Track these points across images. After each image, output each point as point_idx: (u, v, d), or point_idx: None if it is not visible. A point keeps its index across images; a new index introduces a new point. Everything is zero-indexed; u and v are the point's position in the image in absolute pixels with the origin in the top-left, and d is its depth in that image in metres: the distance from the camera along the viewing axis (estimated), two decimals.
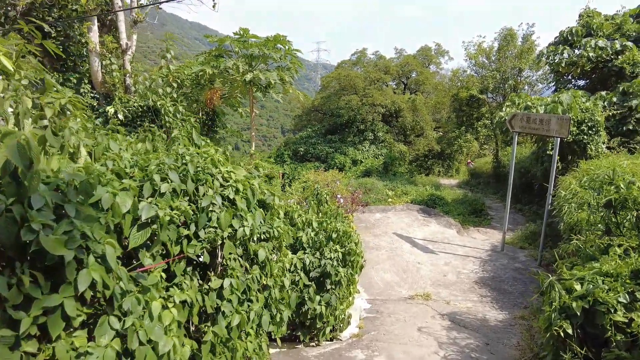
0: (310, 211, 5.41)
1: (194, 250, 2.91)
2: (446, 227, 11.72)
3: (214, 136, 14.17)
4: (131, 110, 10.90)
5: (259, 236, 3.39)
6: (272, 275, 3.60)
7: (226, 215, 3.00)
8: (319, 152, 34.30)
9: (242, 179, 3.18)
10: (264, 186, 3.67)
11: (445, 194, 21.57)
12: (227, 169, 3.23)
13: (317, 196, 6.08)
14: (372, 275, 8.37)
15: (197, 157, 3.10)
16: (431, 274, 8.55)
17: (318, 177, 10.90)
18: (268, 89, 11.24)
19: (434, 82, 38.44)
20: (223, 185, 3.13)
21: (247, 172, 3.63)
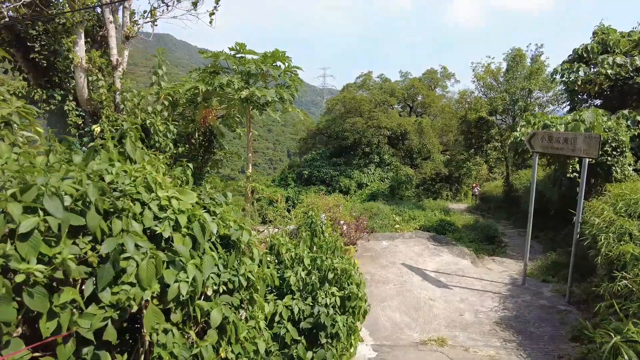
0: (301, 245, 4.50)
1: (89, 324, 1.93)
2: (459, 257, 10.73)
3: (211, 157, 13.44)
4: (119, 129, 10.18)
5: (217, 287, 2.55)
6: (237, 340, 2.66)
7: (149, 264, 2.01)
8: (324, 175, 33.53)
9: (188, 209, 2.32)
10: (231, 216, 2.80)
11: (455, 220, 20.59)
12: (167, 194, 2.37)
13: (310, 225, 5.14)
14: (379, 315, 7.38)
15: (122, 176, 2.24)
16: (446, 312, 7.55)
17: (319, 202, 10.05)
18: (266, 107, 10.54)
19: (441, 104, 37.89)
20: (158, 217, 2.29)
21: (209, 197, 2.79)
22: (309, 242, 4.56)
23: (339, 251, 4.72)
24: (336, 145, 35.97)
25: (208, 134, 12.95)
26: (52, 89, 10.11)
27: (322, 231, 4.88)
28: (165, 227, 2.19)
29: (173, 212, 2.27)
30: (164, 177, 2.73)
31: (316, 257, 4.04)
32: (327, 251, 4.58)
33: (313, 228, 4.82)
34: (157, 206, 2.24)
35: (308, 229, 4.93)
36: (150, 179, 2.32)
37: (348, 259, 4.57)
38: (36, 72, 10.17)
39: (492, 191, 30.29)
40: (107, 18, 10.56)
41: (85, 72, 9.70)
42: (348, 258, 4.64)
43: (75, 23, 9.31)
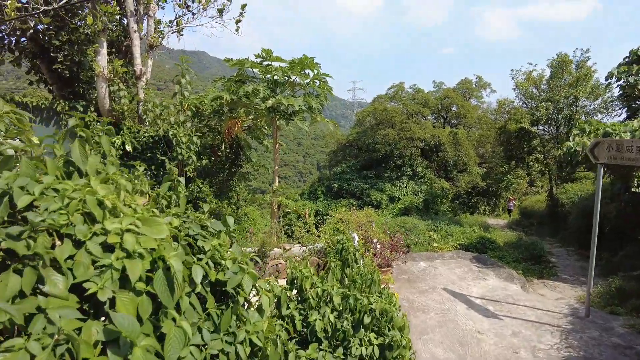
0: (330, 278, 3.68)
1: None
2: (507, 281, 9.59)
3: (238, 170, 12.92)
4: (141, 141, 9.78)
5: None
6: None
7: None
8: (354, 188, 32.61)
9: (152, 249, 1.55)
10: (228, 253, 1.96)
11: (496, 237, 19.24)
12: (119, 226, 1.54)
13: (341, 253, 4.24)
14: (419, 350, 6.43)
15: (50, 198, 1.46)
16: (497, 349, 6.51)
17: (349, 218, 9.23)
18: (293, 116, 9.90)
19: (477, 115, 36.40)
20: (96, 263, 1.46)
21: (198, 224, 2.02)
22: (339, 275, 3.73)
23: (377, 285, 3.87)
24: (367, 157, 35.06)
25: (235, 146, 12.44)
26: (75, 100, 9.84)
27: (355, 259, 4.04)
28: (105, 281, 1.39)
29: (122, 256, 1.46)
30: (133, 198, 2.02)
31: (349, 294, 3.22)
32: (362, 285, 3.73)
33: (344, 256, 3.99)
34: (99, 246, 1.50)
35: (337, 256, 4.10)
36: (91, 203, 1.55)
37: (389, 297, 3.72)
38: (60, 83, 9.95)
39: (534, 206, 28.47)
40: (132, 27, 10.27)
41: (107, 82, 9.35)
42: (388, 295, 3.79)
43: (98, 31, 8.99)
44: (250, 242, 9.71)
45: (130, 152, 9.67)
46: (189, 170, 10.02)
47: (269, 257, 9.62)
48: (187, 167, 10.00)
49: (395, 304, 3.65)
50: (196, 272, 1.59)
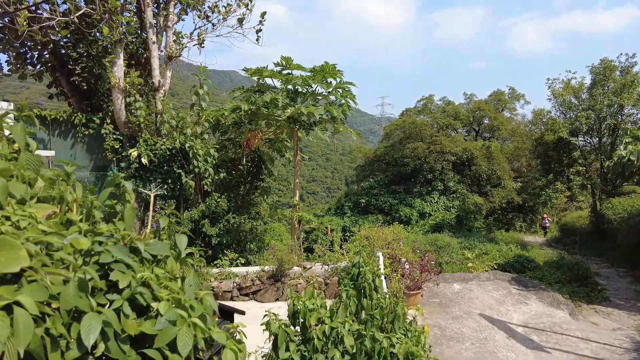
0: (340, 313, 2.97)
1: None
2: (552, 307, 8.58)
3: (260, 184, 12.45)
4: (158, 153, 9.46)
5: None
6: None
7: None
8: (382, 203, 31.70)
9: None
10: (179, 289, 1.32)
11: (535, 255, 17.95)
12: None
13: (357, 279, 3.42)
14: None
15: None
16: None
17: (375, 234, 8.53)
18: (313, 127, 9.36)
19: (511, 127, 34.92)
20: None
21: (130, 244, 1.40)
22: (353, 307, 3.02)
23: (402, 321, 3.15)
24: (395, 172, 34.13)
25: (257, 159, 12.01)
26: (93, 112, 9.67)
27: (374, 287, 3.28)
28: None
29: None
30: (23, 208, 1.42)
31: (364, 334, 2.55)
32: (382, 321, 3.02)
33: (361, 284, 3.24)
34: None
35: (352, 284, 3.33)
36: None
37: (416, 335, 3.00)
38: (78, 96, 9.82)
39: (575, 222, 26.71)
40: (150, 39, 10.08)
41: (123, 94, 9.12)
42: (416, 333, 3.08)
43: (114, 42, 8.80)
44: (271, 259, 9.12)
45: (147, 164, 9.37)
46: (206, 183, 9.61)
47: (288, 276, 9.01)
48: (204, 181, 9.60)
49: (424, 344, 2.94)
50: (88, 326, 0.99)
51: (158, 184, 9.67)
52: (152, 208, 9.30)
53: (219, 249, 9.88)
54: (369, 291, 3.02)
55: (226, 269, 9.36)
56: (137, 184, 9.66)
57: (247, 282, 8.80)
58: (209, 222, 9.55)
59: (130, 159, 9.20)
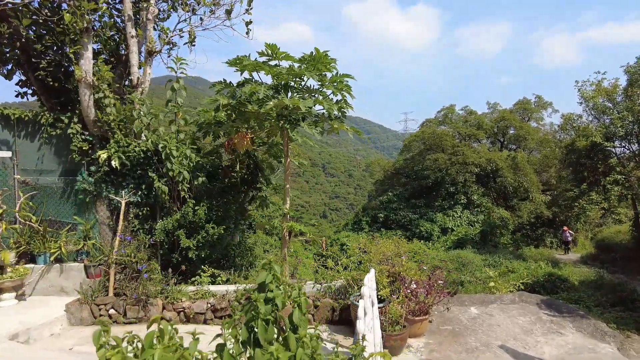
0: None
1: None
2: (595, 338, 6.92)
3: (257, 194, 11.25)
4: (131, 156, 8.40)
5: None
6: None
7: None
8: (401, 218, 30.09)
9: None
10: None
11: (568, 273, 16.07)
12: None
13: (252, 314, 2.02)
14: None
15: None
16: None
17: (372, 248, 7.15)
18: (300, 123, 8.14)
19: (538, 137, 32.89)
20: None
21: None
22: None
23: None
24: (415, 185, 32.53)
25: (252, 166, 10.85)
26: (63, 111, 8.74)
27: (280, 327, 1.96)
28: None
29: None
30: None
31: None
32: None
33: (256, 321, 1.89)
34: None
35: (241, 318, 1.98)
36: None
37: None
38: (47, 94, 8.92)
39: (614, 237, 24.37)
40: (129, 32, 9.15)
41: (91, 89, 8.14)
42: None
43: (80, 31, 7.87)
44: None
45: (118, 168, 8.31)
46: (183, 189, 8.47)
47: None
48: (181, 186, 8.46)
49: None
50: None
51: (131, 190, 8.60)
52: (123, 217, 8.20)
53: (199, 263, 8.67)
54: (263, 334, 1.72)
55: (204, 287, 8.12)
56: (108, 189, 8.61)
57: (223, 303, 7.52)
58: (186, 233, 8.38)
59: (99, 162, 8.17)
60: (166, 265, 8.86)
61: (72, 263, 8.29)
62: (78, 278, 8.21)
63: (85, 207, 8.74)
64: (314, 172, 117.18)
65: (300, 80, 8.61)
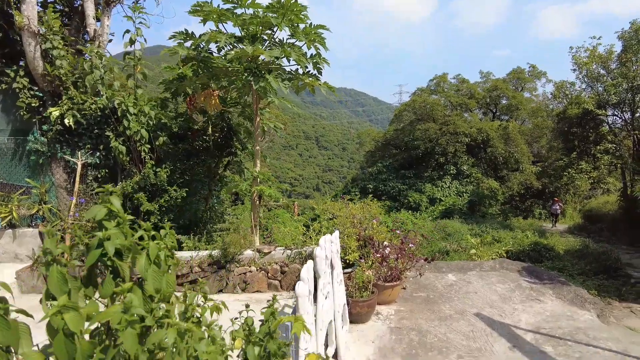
0: None
1: None
2: (575, 305, 6.58)
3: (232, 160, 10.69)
4: (87, 114, 7.74)
5: None
6: None
7: None
8: (390, 189, 29.69)
9: None
10: None
11: (555, 243, 15.77)
12: None
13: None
14: None
15: None
16: None
17: (339, 212, 6.68)
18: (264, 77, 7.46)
19: (531, 107, 32.23)
20: None
21: None
22: None
23: None
24: (406, 156, 31.99)
25: (226, 130, 10.25)
26: (8, 64, 8.01)
27: None
28: None
29: None
30: None
31: None
32: None
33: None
34: None
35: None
36: None
37: None
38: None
39: (602, 208, 24.16)
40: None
41: (36, 38, 7.40)
42: None
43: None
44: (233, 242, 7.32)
45: (72, 127, 7.68)
46: (143, 150, 7.88)
47: (239, 262, 7.24)
48: (141, 147, 7.86)
49: None
50: None
51: (88, 151, 7.99)
52: (79, 179, 7.63)
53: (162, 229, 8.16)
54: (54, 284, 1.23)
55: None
56: (63, 150, 8.00)
57: (184, 269, 7.08)
58: (147, 196, 7.84)
59: (51, 120, 7.52)
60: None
61: (26, 228, 7.77)
62: (33, 244, 7.71)
63: (40, 169, 8.13)
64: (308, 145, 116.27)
65: (271, 32, 7.92)
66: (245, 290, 7.10)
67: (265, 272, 7.20)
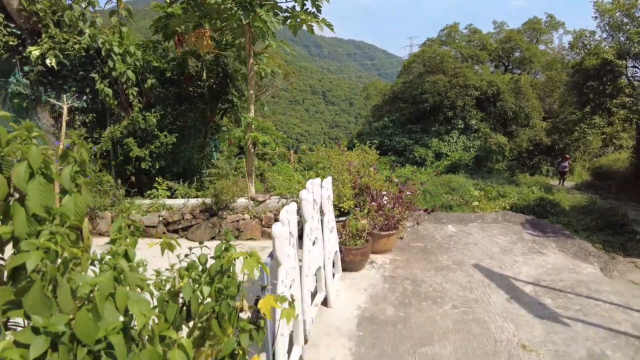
0: None
1: None
2: (578, 259, 6.34)
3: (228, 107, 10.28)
4: (70, 54, 7.30)
5: None
6: None
7: None
8: (396, 144, 29.13)
9: None
10: None
11: (561, 199, 15.46)
12: None
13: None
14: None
15: None
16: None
17: (334, 158, 6.33)
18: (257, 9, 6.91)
19: (546, 60, 30.80)
20: None
21: None
22: None
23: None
24: (413, 110, 31.13)
25: (222, 75, 9.77)
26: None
27: None
28: None
29: None
30: None
31: None
32: None
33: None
34: None
35: None
36: None
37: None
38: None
39: (612, 165, 23.63)
40: None
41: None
42: None
43: None
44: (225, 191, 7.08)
45: (55, 68, 7.26)
46: (131, 93, 7.48)
47: (232, 210, 7.03)
48: (129, 90, 7.46)
49: None
50: None
51: (73, 94, 7.61)
52: (65, 123, 7.31)
53: (158, 177, 7.95)
54: None
55: (160, 200, 7.47)
56: (47, 93, 7.63)
57: (176, 216, 6.89)
58: (137, 142, 7.55)
59: (31, 60, 7.10)
60: (124, 179, 8.15)
61: None
62: None
63: (25, 114, 7.79)
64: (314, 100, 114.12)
65: None
66: (239, 237, 6.93)
67: (259, 220, 7.00)
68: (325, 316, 4.49)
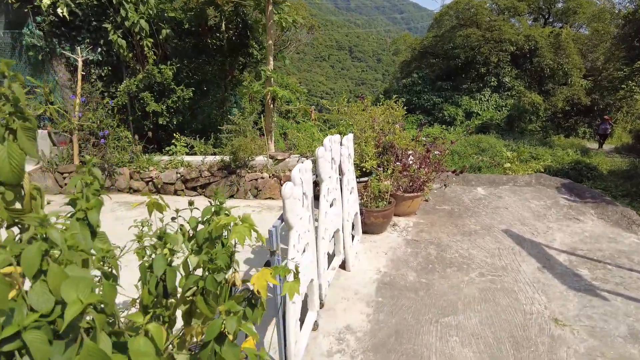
0: None
1: None
2: (619, 227, 5.87)
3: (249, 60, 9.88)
4: (82, 3, 6.99)
5: None
6: None
7: None
8: (425, 102, 28.10)
9: None
10: None
11: (599, 162, 14.66)
12: None
13: None
14: (430, 348, 3.38)
15: None
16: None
17: (357, 114, 5.92)
18: None
19: (592, 10, 28.38)
20: None
21: None
22: None
23: None
24: (443, 66, 29.72)
25: (241, 26, 9.31)
26: None
27: None
28: None
29: None
30: None
31: None
32: None
33: None
34: None
35: None
36: None
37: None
38: None
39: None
40: None
41: None
42: None
43: None
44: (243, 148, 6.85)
45: (67, 18, 6.98)
46: (146, 45, 7.17)
47: (252, 168, 6.81)
48: (143, 41, 7.15)
49: None
50: None
51: (88, 46, 7.36)
52: (81, 77, 7.12)
53: (173, 133, 7.77)
54: None
55: (179, 157, 7.31)
56: (62, 45, 7.40)
57: (193, 173, 6.73)
58: (154, 96, 7.31)
59: (42, 9, 6.83)
60: (142, 134, 8.01)
61: None
62: (42, 145, 7.48)
63: (41, 67, 7.63)
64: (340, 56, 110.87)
65: None
66: (257, 196, 6.74)
67: (278, 179, 6.77)
68: (343, 280, 4.29)
